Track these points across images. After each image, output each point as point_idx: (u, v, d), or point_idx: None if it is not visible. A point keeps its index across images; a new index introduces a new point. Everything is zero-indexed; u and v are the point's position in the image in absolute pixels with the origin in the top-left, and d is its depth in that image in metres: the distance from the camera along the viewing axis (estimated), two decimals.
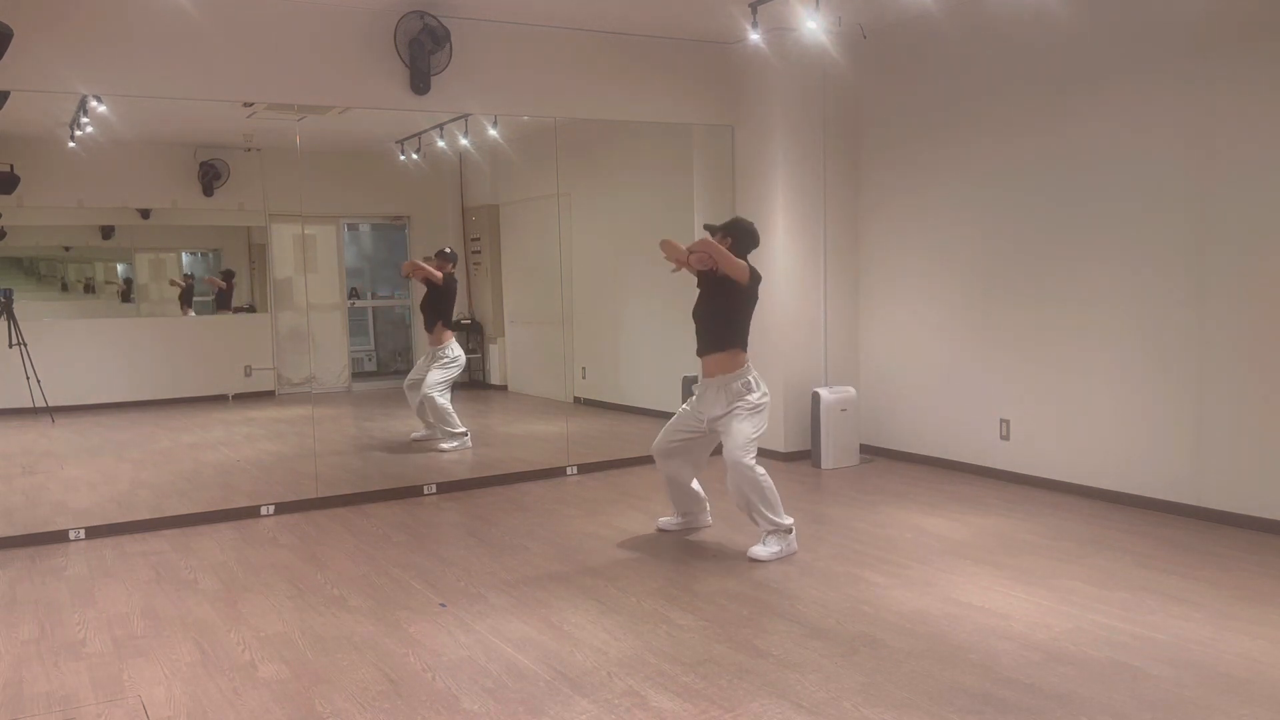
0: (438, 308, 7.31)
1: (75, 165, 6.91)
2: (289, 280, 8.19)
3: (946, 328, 6.22)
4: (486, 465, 6.70)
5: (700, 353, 4.63)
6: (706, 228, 4.74)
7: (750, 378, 4.54)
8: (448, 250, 7.41)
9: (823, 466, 6.41)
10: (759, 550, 4.47)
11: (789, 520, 4.54)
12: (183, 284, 8.40)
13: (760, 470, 4.49)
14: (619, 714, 2.94)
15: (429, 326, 7.32)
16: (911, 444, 6.52)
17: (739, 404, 4.50)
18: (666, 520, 5.01)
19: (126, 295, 8.27)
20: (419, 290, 8.74)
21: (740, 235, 4.62)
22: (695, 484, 4.91)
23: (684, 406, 4.81)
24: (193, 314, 8.34)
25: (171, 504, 5.62)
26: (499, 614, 3.82)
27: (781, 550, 4.49)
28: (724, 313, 4.56)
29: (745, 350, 4.58)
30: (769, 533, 4.51)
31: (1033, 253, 5.64)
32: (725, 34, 6.37)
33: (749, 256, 4.61)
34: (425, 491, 5.95)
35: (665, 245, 4.63)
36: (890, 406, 6.65)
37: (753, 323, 4.65)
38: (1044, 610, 3.72)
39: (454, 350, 7.25)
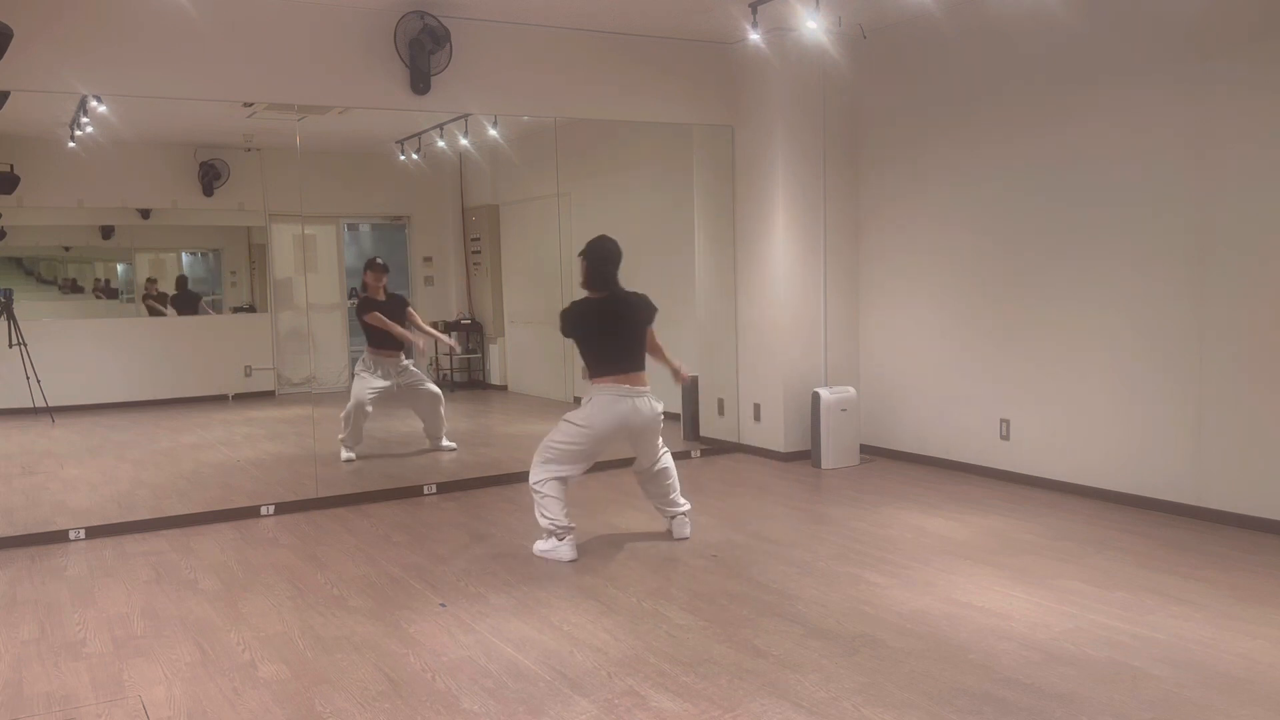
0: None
1: (75, 165, 6.92)
2: (289, 280, 8.19)
3: (947, 328, 6.22)
4: (486, 465, 6.70)
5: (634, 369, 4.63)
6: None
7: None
8: (379, 261, 6.93)
9: (823, 466, 6.41)
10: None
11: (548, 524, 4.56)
12: (152, 291, 8.30)
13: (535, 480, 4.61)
14: (619, 714, 2.94)
15: (391, 346, 6.89)
16: (911, 444, 6.52)
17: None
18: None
19: (106, 291, 8.24)
20: (420, 291, 8.75)
21: (590, 259, 4.69)
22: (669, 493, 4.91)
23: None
24: (172, 311, 8.32)
25: (171, 504, 5.62)
26: (499, 614, 3.82)
27: (547, 550, 4.57)
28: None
29: (592, 374, 4.65)
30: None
31: (1033, 253, 5.64)
32: (725, 34, 6.38)
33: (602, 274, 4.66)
34: (425, 491, 5.95)
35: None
36: (890, 406, 6.65)
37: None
38: (1044, 610, 3.72)
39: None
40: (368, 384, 6.78)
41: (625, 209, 8.14)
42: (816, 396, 6.43)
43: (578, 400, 8.45)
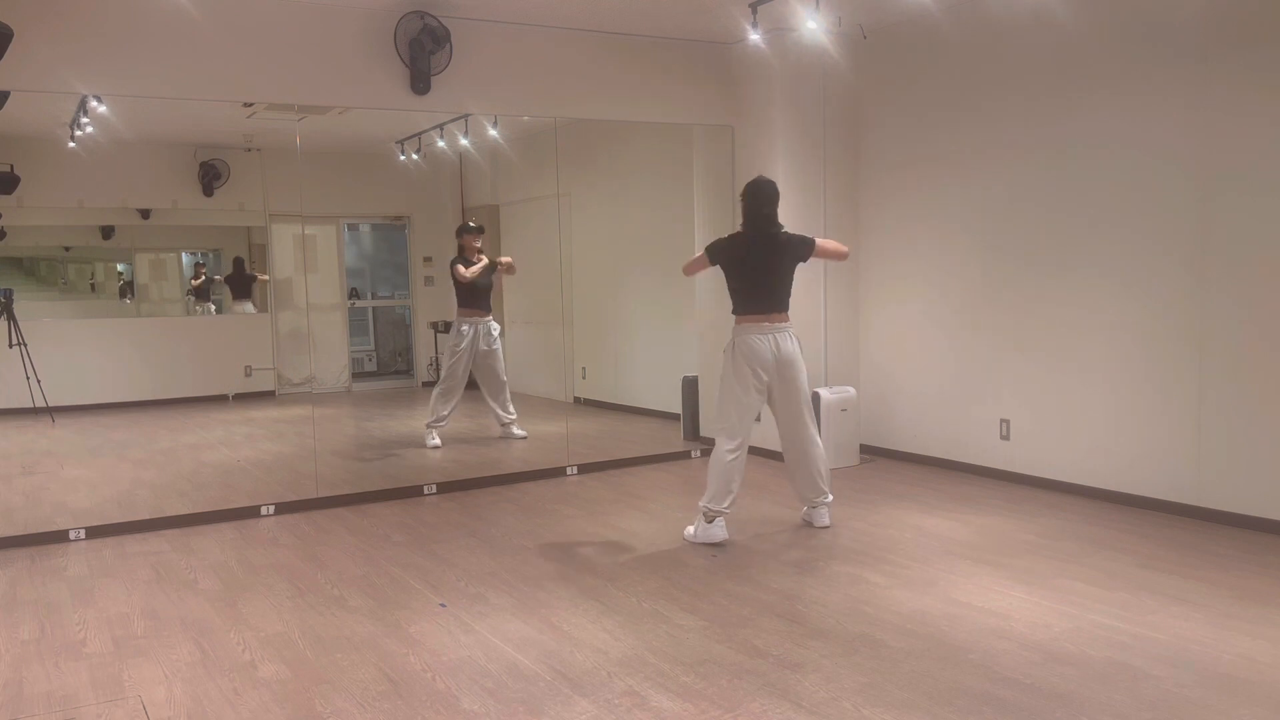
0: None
1: (75, 165, 6.92)
2: (289, 280, 8.20)
3: (947, 328, 6.22)
4: (486, 465, 6.70)
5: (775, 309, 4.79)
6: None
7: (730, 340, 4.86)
8: (472, 224, 7.36)
9: None
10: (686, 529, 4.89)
11: (708, 506, 4.73)
12: (202, 277, 8.41)
13: (717, 448, 4.78)
14: (619, 714, 2.94)
15: (489, 305, 7.35)
16: (911, 444, 6.52)
17: None
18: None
19: (130, 290, 8.28)
20: (420, 291, 8.75)
21: (747, 198, 4.86)
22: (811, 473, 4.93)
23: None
24: (211, 308, 8.35)
25: (171, 504, 5.62)
26: (499, 614, 3.83)
27: (695, 534, 4.77)
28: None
29: (735, 310, 4.85)
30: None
31: (1033, 252, 5.63)
32: (725, 34, 6.37)
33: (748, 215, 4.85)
34: (425, 491, 5.95)
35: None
36: (890, 406, 6.65)
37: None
38: (1044, 610, 3.72)
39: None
40: (459, 357, 7.14)
41: (625, 209, 8.14)
42: (816, 396, 6.42)
43: (578, 400, 8.49)
